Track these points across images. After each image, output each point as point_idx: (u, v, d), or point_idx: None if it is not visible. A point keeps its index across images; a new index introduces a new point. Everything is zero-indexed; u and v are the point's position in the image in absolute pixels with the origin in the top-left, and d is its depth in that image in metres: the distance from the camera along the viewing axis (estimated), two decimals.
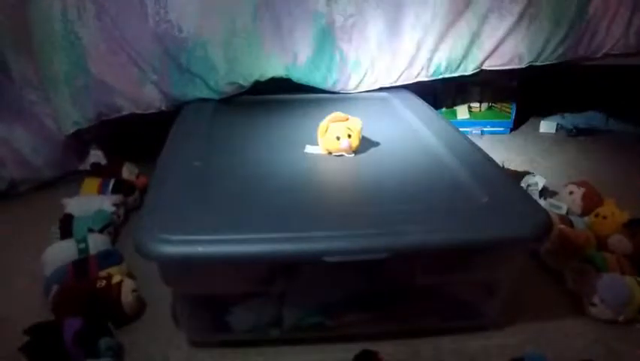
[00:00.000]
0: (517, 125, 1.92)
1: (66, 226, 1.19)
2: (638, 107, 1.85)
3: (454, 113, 1.87)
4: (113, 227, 1.24)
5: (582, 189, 1.32)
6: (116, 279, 0.99)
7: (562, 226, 1.17)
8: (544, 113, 1.97)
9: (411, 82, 1.55)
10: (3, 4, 1.37)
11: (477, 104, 1.88)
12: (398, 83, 1.55)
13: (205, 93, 1.46)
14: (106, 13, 1.37)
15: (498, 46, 1.52)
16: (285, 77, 1.48)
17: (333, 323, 0.93)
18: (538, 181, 1.37)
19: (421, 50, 1.50)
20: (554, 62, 1.57)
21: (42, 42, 1.38)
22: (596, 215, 1.24)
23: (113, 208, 1.27)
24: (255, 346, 0.93)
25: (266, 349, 0.93)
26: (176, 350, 0.93)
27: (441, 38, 1.50)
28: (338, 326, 0.93)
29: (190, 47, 1.40)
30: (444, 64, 1.53)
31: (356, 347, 0.87)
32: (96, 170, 1.48)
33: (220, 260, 0.81)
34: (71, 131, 1.46)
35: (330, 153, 1.11)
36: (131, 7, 1.37)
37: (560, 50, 1.55)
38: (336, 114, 1.10)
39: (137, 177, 1.46)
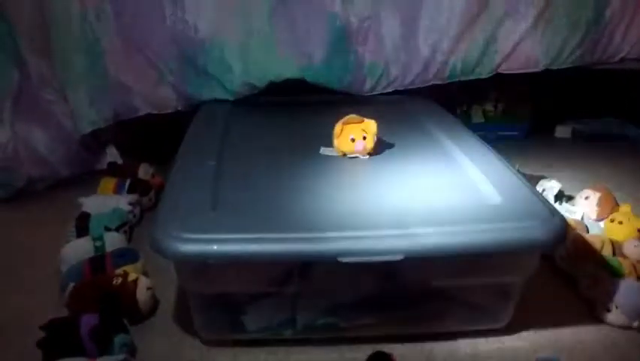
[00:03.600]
0: (532, 129, 1.91)
1: (83, 224, 1.20)
2: None
3: (469, 117, 1.86)
4: (128, 226, 1.26)
5: (598, 194, 1.31)
6: (131, 277, 1.00)
7: (577, 231, 1.17)
8: (560, 118, 1.96)
9: (426, 85, 1.55)
10: (22, 5, 1.39)
11: (492, 108, 1.87)
12: (413, 86, 1.54)
13: (221, 94, 1.47)
14: (124, 14, 1.38)
15: (514, 49, 1.52)
16: (300, 78, 1.48)
17: (346, 324, 0.93)
18: (554, 186, 1.36)
19: (437, 53, 1.50)
20: (571, 66, 1.56)
21: (60, 42, 1.40)
22: (612, 220, 1.23)
23: (129, 207, 1.29)
24: (268, 346, 0.93)
25: (278, 349, 0.93)
26: (190, 348, 0.94)
27: (456, 41, 1.49)
28: (351, 328, 0.93)
29: (206, 47, 1.41)
30: (459, 67, 1.53)
31: (369, 349, 0.87)
32: (112, 169, 1.50)
33: (235, 259, 0.82)
34: (88, 130, 1.48)
35: (344, 154, 1.11)
36: (149, 8, 1.38)
37: (576, 54, 1.54)
38: (351, 116, 1.10)
39: (153, 176, 1.47)
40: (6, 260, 1.20)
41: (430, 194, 0.98)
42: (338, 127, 1.10)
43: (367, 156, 1.11)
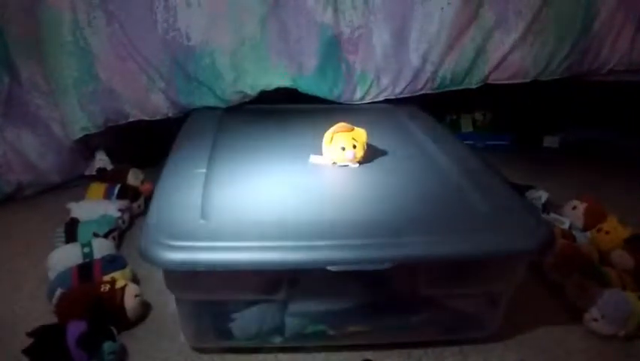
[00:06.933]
0: (520, 139, 1.92)
1: (71, 230, 1.20)
2: None
3: (458, 126, 1.88)
4: (117, 232, 1.25)
5: (585, 204, 1.32)
6: (119, 283, 1.00)
7: (564, 240, 1.18)
8: (548, 128, 1.97)
9: (416, 94, 1.56)
10: (13, 9, 1.39)
11: (481, 118, 1.89)
12: (403, 95, 1.55)
13: (211, 101, 1.47)
14: (115, 20, 1.38)
15: (503, 60, 1.53)
16: (291, 87, 1.49)
17: (335, 331, 0.93)
18: (541, 195, 1.38)
19: (427, 62, 1.51)
20: (559, 77, 1.57)
21: (52, 48, 1.40)
22: (599, 230, 1.24)
23: (119, 213, 1.28)
24: (257, 353, 0.94)
25: (267, 356, 0.93)
26: (178, 355, 0.94)
27: (446, 51, 1.50)
28: (340, 335, 0.94)
29: (198, 55, 1.41)
30: (449, 77, 1.54)
31: (358, 357, 0.88)
32: (102, 175, 1.49)
33: (224, 267, 0.82)
34: (79, 136, 1.47)
35: (334, 163, 1.12)
36: (141, 15, 1.38)
37: (565, 65, 1.55)
38: (342, 125, 1.10)
39: (143, 183, 1.47)
40: None
41: (419, 202, 0.98)
42: (328, 135, 1.10)
43: (357, 165, 1.12)
